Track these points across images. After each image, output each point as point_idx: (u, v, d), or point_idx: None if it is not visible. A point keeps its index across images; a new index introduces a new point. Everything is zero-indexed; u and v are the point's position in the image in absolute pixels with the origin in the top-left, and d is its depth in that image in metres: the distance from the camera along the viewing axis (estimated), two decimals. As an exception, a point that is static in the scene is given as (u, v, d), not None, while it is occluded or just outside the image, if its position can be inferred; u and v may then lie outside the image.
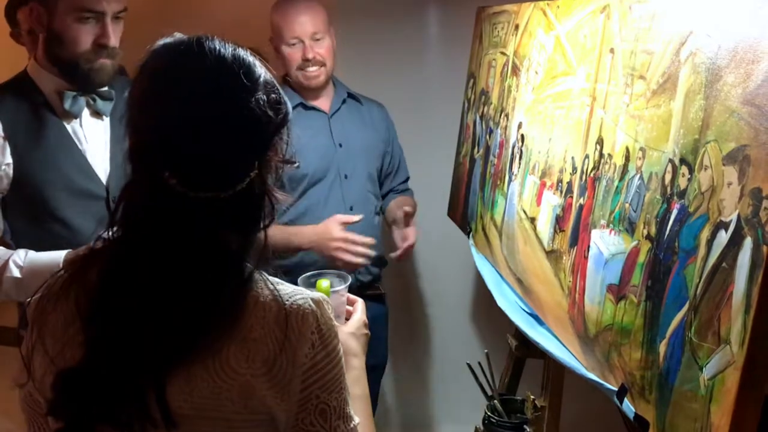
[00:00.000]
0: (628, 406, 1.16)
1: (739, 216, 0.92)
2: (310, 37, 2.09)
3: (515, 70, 1.87)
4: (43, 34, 1.57)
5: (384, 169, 2.32)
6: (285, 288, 0.90)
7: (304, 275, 1.25)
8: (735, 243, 0.92)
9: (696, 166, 1.03)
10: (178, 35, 0.89)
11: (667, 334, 1.05)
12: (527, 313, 1.68)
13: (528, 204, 1.68)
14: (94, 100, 1.64)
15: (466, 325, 2.78)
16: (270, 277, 0.91)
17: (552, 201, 1.54)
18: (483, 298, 2.61)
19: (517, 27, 1.89)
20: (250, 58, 0.87)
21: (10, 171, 1.55)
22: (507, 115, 1.89)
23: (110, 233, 0.88)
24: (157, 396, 0.82)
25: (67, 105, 1.60)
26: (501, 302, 1.77)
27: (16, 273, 1.47)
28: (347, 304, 1.21)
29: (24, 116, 1.57)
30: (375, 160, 2.27)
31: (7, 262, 1.49)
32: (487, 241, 1.99)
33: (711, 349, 0.95)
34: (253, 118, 0.84)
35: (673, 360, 1.03)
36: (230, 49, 0.86)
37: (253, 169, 0.85)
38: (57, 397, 0.84)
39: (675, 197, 1.07)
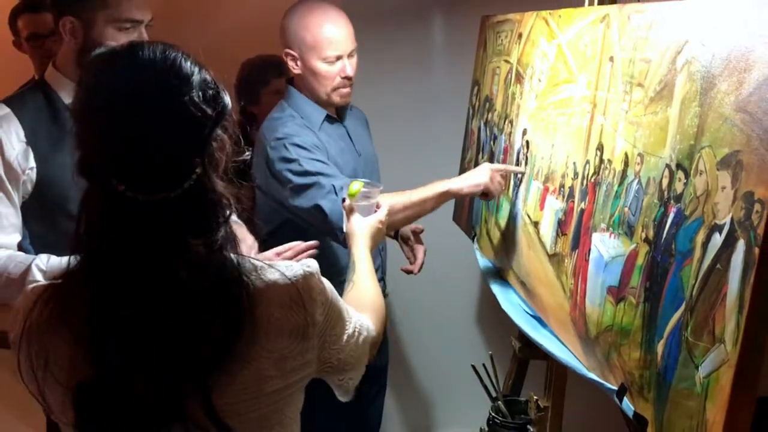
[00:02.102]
0: (627, 405, 1.19)
1: (732, 219, 0.95)
2: (349, 54, 1.94)
3: (519, 78, 1.91)
4: (77, 45, 1.60)
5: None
6: (277, 266, 0.94)
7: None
8: (729, 245, 0.95)
9: (692, 171, 1.06)
10: (111, 44, 0.92)
11: (665, 334, 1.09)
12: (530, 315, 1.71)
13: (532, 208, 1.71)
14: None
15: (470, 327, 2.81)
16: (252, 260, 0.94)
17: (554, 205, 1.58)
18: (487, 301, 2.64)
19: (520, 36, 1.93)
20: (180, 58, 0.88)
21: (34, 175, 1.58)
22: (511, 122, 1.93)
23: (78, 246, 0.89)
24: (204, 405, 0.86)
25: None
26: (505, 305, 1.80)
27: (40, 277, 1.49)
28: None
29: (45, 122, 1.60)
30: (374, 170, 2.23)
31: (30, 267, 1.51)
32: (491, 245, 2.02)
33: (706, 348, 0.98)
34: (188, 116, 0.85)
35: (671, 359, 1.07)
36: (159, 53, 0.87)
37: (197, 166, 0.87)
38: (83, 419, 0.87)
39: (672, 201, 1.11)
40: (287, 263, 0.97)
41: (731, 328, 0.93)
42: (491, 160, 2.07)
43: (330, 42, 1.90)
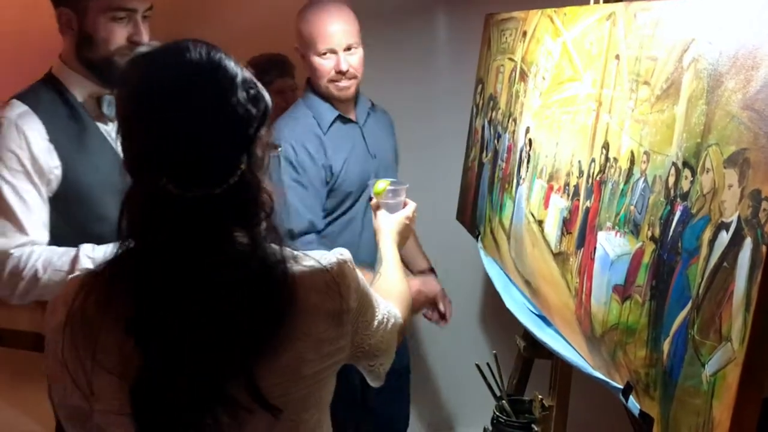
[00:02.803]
0: (633, 403, 1.19)
1: (739, 217, 0.95)
2: (344, 48, 1.99)
3: (523, 76, 1.91)
4: (74, 38, 1.57)
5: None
6: (312, 255, 1.00)
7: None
8: (735, 243, 0.95)
9: (698, 169, 1.06)
10: (154, 44, 0.93)
11: (671, 333, 1.08)
12: (535, 314, 1.71)
13: (536, 207, 1.71)
14: None
15: (474, 326, 2.81)
16: (289, 249, 0.97)
17: (559, 204, 1.58)
18: (491, 300, 2.64)
19: (524, 33, 1.93)
20: (224, 59, 0.91)
21: (60, 173, 1.55)
22: (515, 120, 1.93)
23: (122, 244, 0.92)
24: (248, 387, 0.89)
25: (105, 108, 1.60)
26: (509, 304, 1.80)
27: (90, 265, 1.44)
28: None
29: (61, 120, 1.58)
30: (397, 168, 2.27)
31: (77, 255, 1.48)
32: (495, 244, 2.02)
33: (713, 347, 0.98)
34: (234, 116, 0.89)
35: (677, 357, 1.06)
36: (204, 53, 0.90)
37: (241, 163, 0.90)
38: (138, 405, 0.88)
39: (678, 199, 1.10)
40: (321, 252, 1.01)
41: (738, 326, 0.93)
42: (495, 158, 2.08)
43: (321, 36, 1.97)
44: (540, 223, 1.67)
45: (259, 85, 0.94)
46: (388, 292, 1.25)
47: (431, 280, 2.28)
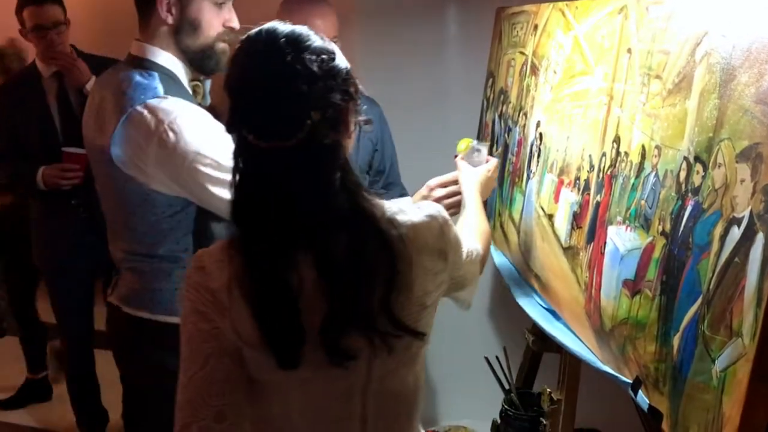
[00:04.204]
0: (642, 398, 1.19)
1: (751, 212, 0.95)
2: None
3: (534, 70, 1.90)
4: (175, 22, 1.56)
5: (375, 167, 2.31)
6: (412, 207, 1.14)
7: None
8: (747, 238, 0.95)
9: (710, 164, 1.05)
10: (248, 27, 1.07)
11: (681, 328, 1.08)
12: (544, 308, 1.71)
13: (546, 201, 1.71)
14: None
15: (484, 320, 2.81)
16: (392, 205, 1.11)
17: (569, 198, 1.57)
18: (501, 293, 2.64)
19: (536, 27, 1.92)
20: (305, 32, 1.04)
21: None
22: (525, 114, 1.92)
23: (234, 190, 1.05)
24: (389, 319, 1.04)
25: (200, 98, 1.65)
26: (518, 297, 1.80)
27: None
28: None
29: (191, 99, 1.59)
30: (366, 156, 2.26)
31: None
32: (505, 238, 2.02)
33: (723, 342, 0.98)
34: (299, 74, 1.00)
35: (687, 352, 1.06)
36: (284, 29, 1.03)
37: (309, 119, 0.99)
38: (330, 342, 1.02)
39: (689, 194, 1.10)
40: (418, 205, 1.15)
41: (749, 321, 0.93)
42: (505, 152, 2.07)
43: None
44: (550, 217, 1.67)
45: (336, 53, 1.04)
46: (471, 228, 1.47)
47: None
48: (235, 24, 1.61)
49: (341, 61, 1.05)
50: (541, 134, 1.79)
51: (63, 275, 2.76)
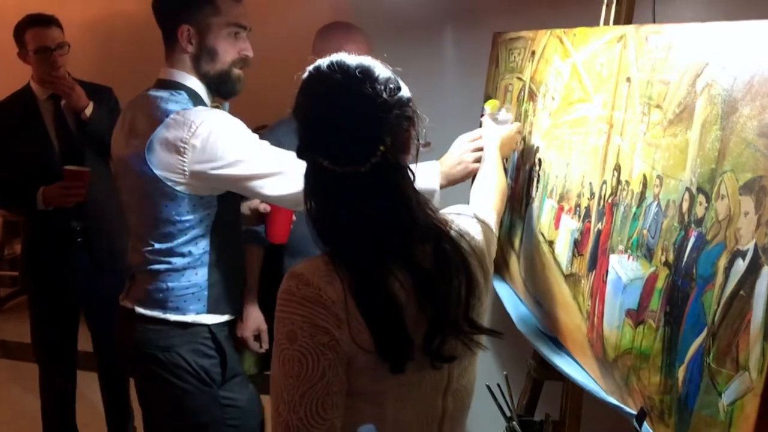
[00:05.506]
0: (647, 430, 1.18)
1: (756, 245, 0.94)
2: None
3: (532, 96, 1.90)
4: (195, 51, 1.71)
5: None
6: (458, 216, 1.28)
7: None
8: (752, 271, 0.94)
9: (713, 195, 1.05)
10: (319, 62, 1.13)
11: (686, 360, 1.07)
12: (546, 335, 1.69)
13: (546, 227, 1.70)
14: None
15: (485, 346, 2.79)
16: (441, 214, 1.21)
17: (570, 225, 1.57)
18: (502, 320, 2.62)
19: (533, 53, 1.93)
20: (371, 63, 1.11)
21: None
22: (524, 139, 1.92)
23: (315, 213, 1.12)
24: (469, 323, 1.15)
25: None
26: (520, 325, 1.79)
27: None
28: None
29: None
30: None
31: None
32: (505, 264, 2.01)
33: (729, 375, 0.97)
34: (375, 103, 1.07)
35: (692, 385, 1.05)
36: (354, 61, 1.10)
37: (381, 145, 1.06)
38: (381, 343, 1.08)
39: (692, 225, 1.09)
40: (454, 210, 1.31)
41: (756, 355, 0.92)
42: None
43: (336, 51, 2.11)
44: (551, 243, 1.66)
45: (399, 82, 1.12)
46: (489, 189, 1.56)
47: None
48: (249, 53, 1.76)
49: (405, 89, 1.13)
50: (540, 160, 1.79)
51: (51, 300, 2.74)
